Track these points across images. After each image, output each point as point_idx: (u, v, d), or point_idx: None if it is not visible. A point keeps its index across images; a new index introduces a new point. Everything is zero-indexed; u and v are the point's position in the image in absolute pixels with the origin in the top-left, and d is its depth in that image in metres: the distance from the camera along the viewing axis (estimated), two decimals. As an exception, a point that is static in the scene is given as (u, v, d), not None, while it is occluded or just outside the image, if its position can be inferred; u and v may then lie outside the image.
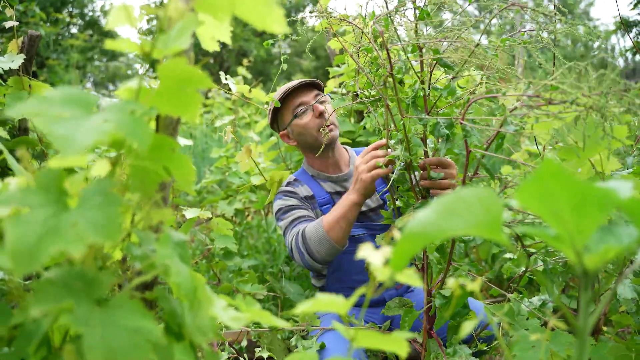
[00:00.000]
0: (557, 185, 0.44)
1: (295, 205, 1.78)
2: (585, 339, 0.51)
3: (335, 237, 1.56)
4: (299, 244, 1.63)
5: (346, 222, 1.55)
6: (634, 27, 7.81)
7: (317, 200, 1.83)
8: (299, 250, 1.63)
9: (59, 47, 8.66)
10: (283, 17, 0.57)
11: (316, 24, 2.62)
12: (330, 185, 1.86)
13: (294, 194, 1.81)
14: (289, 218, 1.75)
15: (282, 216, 1.78)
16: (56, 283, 0.50)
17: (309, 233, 1.61)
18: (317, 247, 1.59)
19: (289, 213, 1.76)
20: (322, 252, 1.59)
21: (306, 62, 18.22)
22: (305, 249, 1.61)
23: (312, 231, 1.60)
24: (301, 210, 1.77)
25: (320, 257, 1.60)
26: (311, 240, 1.60)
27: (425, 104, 1.27)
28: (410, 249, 0.50)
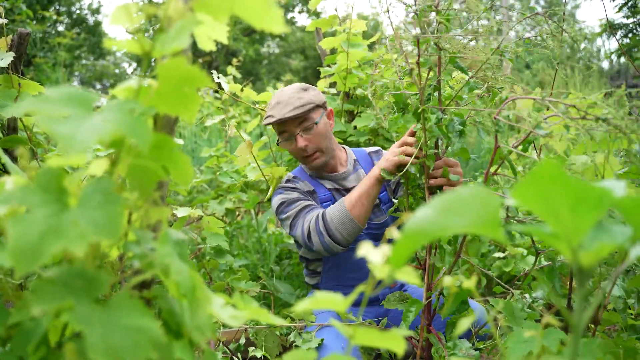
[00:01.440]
0: (554, 185, 0.45)
1: (299, 197, 1.77)
2: (579, 335, 0.52)
3: (357, 214, 1.57)
4: (319, 226, 1.61)
5: (368, 198, 1.57)
6: (619, 30, 7.91)
7: (319, 196, 1.82)
8: (318, 231, 1.62)
9: (46, 45, 8.57)
10: (282, 17, 0.58)
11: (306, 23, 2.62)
12: (330, 182, 1.85)
13: (294, 189, 1.80)
14: (295, 208, 1.73)
15: (286, 209, 1.76)
16: (56, 282, 0.50)
17: (330, 214, 1.60)
18: (339, 227, 1.59)
19: (295, 204, 1.74)
20: (344, 232, 1.59)
21: (295, 62, 18.22)
22: (325, 230, 1.60)
23: (334, 212, 1.60)
24: (306, 200, 1.76)
25: (342, 237, 1.59)
26: (333, 221, 1.59)
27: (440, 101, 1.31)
28: (410, 247, 0.51)
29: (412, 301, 1.32)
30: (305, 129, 1.74)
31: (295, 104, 1.72)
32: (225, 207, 2.75)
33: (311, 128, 1.75)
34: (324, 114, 1.80)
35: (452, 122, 1.27)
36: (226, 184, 2.86)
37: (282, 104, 1.73)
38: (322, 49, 2.75)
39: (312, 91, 1.80)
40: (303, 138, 1.75)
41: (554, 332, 0.95)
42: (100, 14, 17.23)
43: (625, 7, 7.72)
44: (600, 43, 12.81)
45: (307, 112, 1.73)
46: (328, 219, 1.60)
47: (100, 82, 17.92)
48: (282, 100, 1.74)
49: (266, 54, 19.76)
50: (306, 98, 1.75)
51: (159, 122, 0.65)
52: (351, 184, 1.86)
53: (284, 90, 1.79)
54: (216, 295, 0.63)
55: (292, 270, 2.87)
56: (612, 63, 14.13)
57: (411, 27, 1.34)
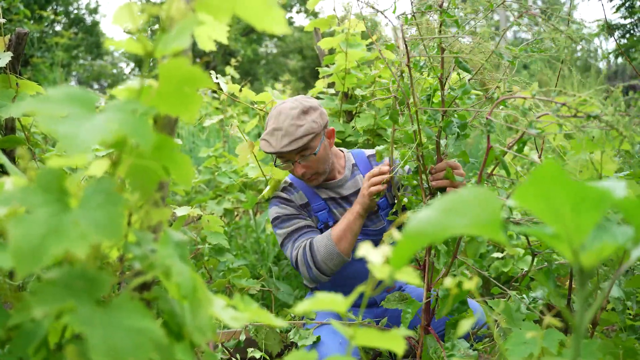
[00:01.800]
0: (556, 186, 0.45)
1: (292, 214, 1.78)
2: (581, 336, 0.52)
3: (343, 248, 1.62)
4: (307, 257, 1.65)
5: (352, 233, 1.62)
6: (616, 30, 7.93)
7: (312, 206, 1.83)
8: (306, 263, 1.66)
9: (43, 45, 8.55)
10: (284, 17, 0.58)
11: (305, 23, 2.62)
12: (325, 191, 1.85)
13: (290, 202, 1.81)
14: (289, 228, 1.76)
15: (280, 224, 1.78)
16: (57, 283, 0.50)
17: (317, 247, 1.65)
18: (325, 261, 1.64)
19: (289, 223, 1.77)
20: (331, 265, 1.64)
21: (293, 62, 18.21)
22: (313, 263, 1.64)
23: (321, 245, 1.64)
24: (300, 219, 1.78)
25: (328, 269, 1.65)
26: (320, 254, 1.64)
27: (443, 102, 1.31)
28: (411, 248, 0.51)
29: (409, 302, 1.32)
30: (304, 157, 1.68)
31: (295, 134, 1.62)
32: (223, 208, 2.75)
33: (310, 156, 1.68)
34: (324, 139, 1.72)
35: (450, 124, 1.28)
36: (224, 184, 2.86)
37: (281, 132, 1.63)
38: (320, 49, 2.75)
39: (313, 114, 1.69)
40: (301, 165, 1.69)
41: (553, 333, 0.96)
42: (97, 13, 17.20)
43: (622, 7, 7.74)
44: (598, 43, 12.83)
45: (306, 143, 1.64)
46: (315, 251, 1.65)
47: (97, 82, 17.88)
48: (281, 126, 1.63)
49: (264, 54, 19.75)
50: (306, 127, 1.63)
51: (159, 122, 0.65)
52: (348, 192, 1.85)
53: (283, 111, 1.67)
54: (217, 296, 0.63)
55: (290, 271, 2.87)
56: (610, 63, 14.16)
57: (408, 27, 1.34)
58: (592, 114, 0.89)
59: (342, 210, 1.83)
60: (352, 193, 1.85)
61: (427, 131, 1.32)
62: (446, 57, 1.31)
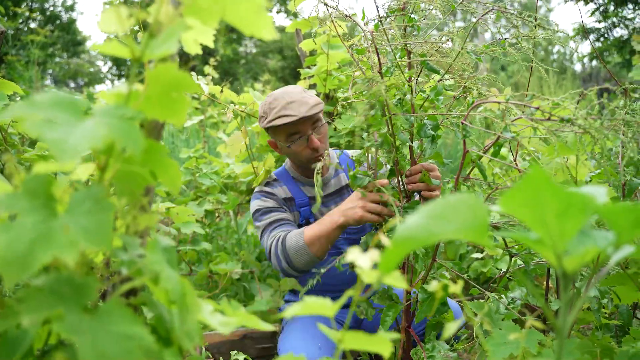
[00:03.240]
0: (542, 193, 0.46)
1: (274, 207, 1.77)
2: (564, 338, 0.53)
3: (315, 251, 1.57)
4: (278, 250, 1.62)
5: (327, 240, 1.56)
6: (591, 34, 8.09)
7: (296, 201, 1.82)
8: (277, 256, 1.63)
9: (18, 43, 8.38)
10: (272, 23, 0.58)
11: (286, 24, 2.62)
12: (309, 189, 1.85)
13: (272, 195, 1.79)
14: (267, 220, 1.74)
15: (260, 217, 1.76)
16: (44, 290, 0.49)
17: (289, 242, 1.61)
18: (296, 258, 1.60)
19: (268, 215, 1.75)
20: (301, 262, 1.60)
21: (272, 62, 18.17)
22: (284, 257, 1.61)
23: (293, 242, 1.60)
24: (280, 212, 1.76)
25: (299, 266, 1.61)
26: (290, 250, 1.60)
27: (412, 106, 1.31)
28: (400, 253, 0.51)
29: (389, 306, 1.32)
30: (316, 129, 1.71)
31: (309, 103, 1.68)
32: (204, 209, 2.73)
33: (320, 128, 1.72)
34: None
35: (424, 127, 1.28)
36: (205, 185, 2.84)
37: (297, 102, 1.67)
38: (302, 50, 2.75)
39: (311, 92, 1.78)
40: (317, 138, 1.72)
41: (532, 333, 0.97)
42: (74, 11, 16.95)
43: (597, 11, 7.90)
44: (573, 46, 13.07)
45: (319, 112, 1.70)
46: (287, 247, 1.61)
47: (74, 81, 17.60)
48: (294, 99, 1.68)
49: (243, 53, 19.67)
50: (314, 98, 1.72)
51: (146, 126, 0.65)
52: (330, 189, 1.86)
53: (288, 90, 1.73)
54: (206, 302, 0.63)
55: (271, 272, 2.86)
56: (584, 66, 14.44)
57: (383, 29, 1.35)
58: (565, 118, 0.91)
59: (324, 208, 1.83)
60: (334, 191, 1.86)
61: (401, 136, 1.32)
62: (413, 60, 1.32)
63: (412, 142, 1.36)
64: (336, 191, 1.87)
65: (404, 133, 1.33)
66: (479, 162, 1.26)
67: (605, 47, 8.30)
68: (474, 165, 1.27)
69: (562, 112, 1.02)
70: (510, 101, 1.09)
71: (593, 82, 12.65)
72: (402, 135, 1.32)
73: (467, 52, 1.28)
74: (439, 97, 1.30)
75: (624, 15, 8.31)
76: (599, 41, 8.45)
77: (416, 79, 1.37)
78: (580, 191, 0.47)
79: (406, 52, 1.32)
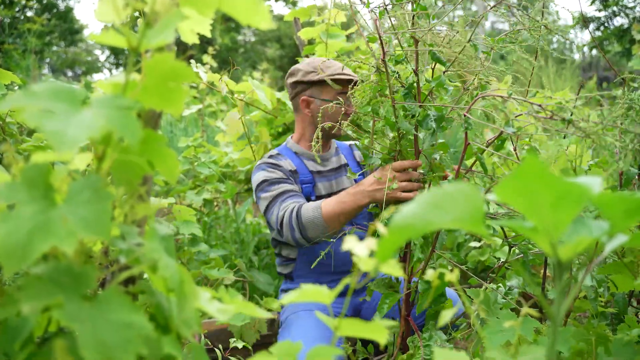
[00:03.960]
0: (537, 182, 0.47)
1: (281, 178, 1.75)
2: (558, 325, 0.54)
3: (332, 226, 1.57)
4: (292, 220, 1.61)
5: (347, 218, 1.56)
6: (591, 23, 8.06)
7: (300, 177, 1.81)
8: (290, 225, 1.61)
9: (14, 31, 8.33)
10: (269, 12, 0.58)
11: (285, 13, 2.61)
12: (312, 164, 1.85)
13: (278, 167, 1.78)
14: (275, 190, 1.71)
15: (267, 187, 1.73)
16: (44, 279, 0.50)
17: (305, 214, 1.59)
18: (311, 229, 1.59)
19: (277, 186, 1.72)
20: (317, 233, 1.59)
21: (271, 50, 18.09)
22: (298, 227, 1.60)
23: (309, 214, 1.59)
24: (288, 184, 1.74)
25: (313, 236, 1.60)
26: (307, 222, 1.58)
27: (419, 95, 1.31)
28: (397, 241, 0.52)
29: (386, 295, 1.32)
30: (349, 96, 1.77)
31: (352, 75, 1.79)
32: (203, 198, 2.74)
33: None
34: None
35: (427, 118, 1.28)
36: (204, 174, 2.84)
37: (344, 68, 1.78)
38: (300, 39, 2.74)
39: None
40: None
41: (528, 321, 0.98)
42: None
43: (597, 0, 7.87)
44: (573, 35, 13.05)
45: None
46: (303, 219, 1.60)
47: (71, 69, 17.52)
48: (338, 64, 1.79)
49: (242, 42, 19.57)
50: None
51: (143, 116, 0.65)
52: (333, 165, 1.90)
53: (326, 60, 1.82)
54: (204, 290, 0.64)
55: (270, 261, 2.88)
56: (584, 55, 14.40)
57: (386, 17, 1.35)
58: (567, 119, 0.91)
59: (326, 183, 1.85)
60: (335, 168, 1.90)
61: (405, 126, 1.32)
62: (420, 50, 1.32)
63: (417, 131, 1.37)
64: (336, 168, 1.91)
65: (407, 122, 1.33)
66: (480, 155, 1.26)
67: (606, 36, 8.26)
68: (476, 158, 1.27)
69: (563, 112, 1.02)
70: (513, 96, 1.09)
71: (593, 71, 12.61)
72: (405, 124, 1.32)
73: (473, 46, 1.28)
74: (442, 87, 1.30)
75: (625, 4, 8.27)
76: (599, 30, 8.42)
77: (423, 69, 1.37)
78: (575, 181, 0.48)
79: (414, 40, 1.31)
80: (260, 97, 2.32)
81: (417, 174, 1.42)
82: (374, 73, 1.35)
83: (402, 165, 1.41)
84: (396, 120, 1.31)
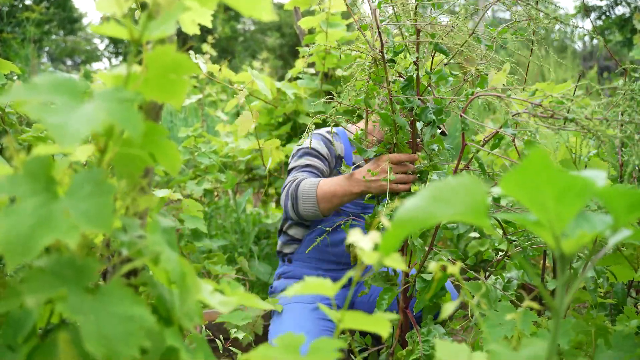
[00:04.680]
0: (541, 175, 0.46)
1: (312, 153, 1.75)
2: (560, 319, 0.54)
3: (323, 208, 1.57)
4: (290, 191, 1.62)
5: (339, 202, 1.56)
6: (593, 12, 8.01)
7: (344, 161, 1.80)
8: (287, 195, 1.63)
9: (13, 20, 8.27)
10: (270, 4, 0.57)
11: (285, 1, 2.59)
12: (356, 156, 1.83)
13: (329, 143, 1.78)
14: (299, 161, 1.73)
15: (297, 154, 1.76)
16: (47, 272, 0.50)
17: (303, 186, 1.60)
18: (302, 205, 1.59)
19: (304, 157, 1.74)
20: (305, 212, 1.60)
21: (271, 39, 17.99)
22: (292, 199, 1.60)
23: (305, 189, 1.59)
24: (320, 160, 1.74)
25: (302, 214, 1.61)
26: (300, 196, 1.59)
27: (418, 87, 1.29)
28: (400, 234, 0.52)
29: (386, 290, 1.31)
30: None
31: None
32: (203, 188, 2.73)
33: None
34: None
35: (426, 110, 1.27)
36: (204, 164, 2.84)
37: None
38: (300, 28, 2.72)
39: None
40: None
41: (527, 314, 0.99)
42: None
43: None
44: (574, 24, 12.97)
45: None
46: (299, 190, 1.60)
47: (71, 58, 17.43)
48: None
49: (242, 31, 19.45)
50: None
51: (144, 108, 0.65)
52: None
53: None
54: (205, 282, 0.64)
55: (270, 250, 2.88)
56: (585, 44, 14.33)
57: (386, 6, 1.33)
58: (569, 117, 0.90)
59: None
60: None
61: (400, 121, 1.30)
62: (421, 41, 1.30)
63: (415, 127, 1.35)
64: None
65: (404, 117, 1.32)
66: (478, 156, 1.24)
67: (607, 25, 8.22)
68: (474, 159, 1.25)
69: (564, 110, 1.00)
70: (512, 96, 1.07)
71: (594, 60, 12.55)
72: (400, 119, 1.30)
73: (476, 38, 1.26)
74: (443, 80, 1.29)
75: (626, -7, 8.22)
76: (600, 19, 8.37)
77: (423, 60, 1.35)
78: (579, 174, 0.48)
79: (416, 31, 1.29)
80: (260, 87, 2.31)
81: (413, 166, 1.41)
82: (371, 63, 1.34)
83: (399, 159, 1.40)
84: (392, 114, 1.30)
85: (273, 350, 0.60)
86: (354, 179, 1.51)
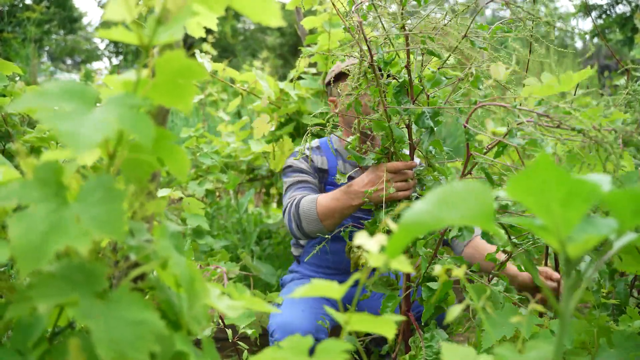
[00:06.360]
0: (548, 179, 0.47)
1: (303, 169, 1.78)
2: (566, 322, 0.54)
3: (327, 224, 1.57)
4: (292, 211, 1.63)
5: (341, 216, 1.55)
6: (593, 10, 8.01)
7: (329, 178, 1.83)
8: (289, 216, 1.64)
9: (13, 20, 8.28)
10: (279, 10, 0.58)
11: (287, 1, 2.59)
12: (345, 166, 1.84)
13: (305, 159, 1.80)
14: (294, 178, 1.77)
15: (289, 174, 1.79)
16: (57, 277, 0.50)
17: (302, 206, 1.60)
18: (305, 222, 1.59)
19: (297, 174, 1.77)
20: (311, 230, 1.60)
21: (271, 38, 17.97)
22: (295, 220, 1.61)
23: (306, 209, 1.59)
24: (308, 176, 1.77)
25: (308, 230, 1.61)
26: (303, 214, 1.59)
27: (412, 93, 1.28)
28: (407, 238, 0.52)
29: (389, 296, 1.29)
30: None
31: None
32: (205, 189, 2.74)
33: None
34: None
35: (422, 116, 1.24)
36: (206, 164, 2.84)
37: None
38: (302, 28, 2.72)
39: None
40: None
41: (531, 317, 0.99)
42: (70, -13, 16.67)
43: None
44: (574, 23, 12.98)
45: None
46: (300, 210, 1.60)
47: (71, 57, 17.43)
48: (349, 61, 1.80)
49: (242, 30, 19.43)
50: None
51: (152, 113, 0.65)
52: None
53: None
54: (212, 285, 0.64)
55: (272, 251, 2.89)
56: (586, 43, 14.33)
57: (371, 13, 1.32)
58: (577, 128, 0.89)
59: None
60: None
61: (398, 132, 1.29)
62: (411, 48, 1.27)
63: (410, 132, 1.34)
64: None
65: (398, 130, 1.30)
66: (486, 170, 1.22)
67: (608, 24, 8.22)
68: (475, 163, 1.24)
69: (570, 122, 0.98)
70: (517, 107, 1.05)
71: (594, 59, 12.54)
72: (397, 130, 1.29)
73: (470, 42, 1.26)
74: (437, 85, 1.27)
75: (627, -8, 8.22)
76: (601, 18, 8.37)
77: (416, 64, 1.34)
78: (585, 179, 0.48)
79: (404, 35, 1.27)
80: (264, 88, 2.31)
81: (412, 173, 1.39)
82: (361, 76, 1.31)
83: (397, 168, 1.38)
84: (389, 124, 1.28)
85: (281, 352, 0.60)
86: (352, 192, 1.49)
